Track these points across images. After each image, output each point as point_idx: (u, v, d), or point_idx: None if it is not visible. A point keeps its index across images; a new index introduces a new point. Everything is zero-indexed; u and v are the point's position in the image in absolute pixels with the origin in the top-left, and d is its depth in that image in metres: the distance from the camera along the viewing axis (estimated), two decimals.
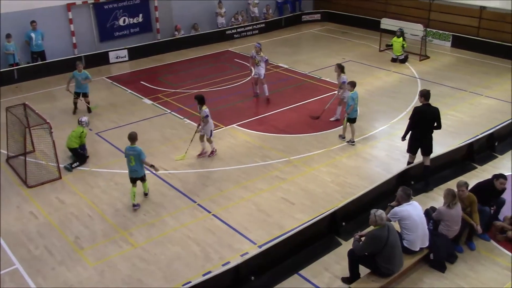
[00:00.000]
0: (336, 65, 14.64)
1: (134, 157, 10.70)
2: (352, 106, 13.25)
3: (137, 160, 10.72)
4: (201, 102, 12.62)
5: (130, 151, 10.73)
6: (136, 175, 10.92)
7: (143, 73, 20.04)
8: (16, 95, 17.65)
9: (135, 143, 10.77)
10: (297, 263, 9.14)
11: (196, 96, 12.82)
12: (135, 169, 10.83)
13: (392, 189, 10.40)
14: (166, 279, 8.95)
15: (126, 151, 10.83)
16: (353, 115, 13.49)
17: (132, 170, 10.86)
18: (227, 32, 24.25)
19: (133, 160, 10.73)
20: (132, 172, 10.89)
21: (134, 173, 10.90)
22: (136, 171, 10.85)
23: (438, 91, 17.12)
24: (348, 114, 13.41)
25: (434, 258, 8.96)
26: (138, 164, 10.77)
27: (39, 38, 19.24)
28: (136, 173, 10.90)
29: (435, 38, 22.84)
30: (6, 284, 8.90)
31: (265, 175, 12.22)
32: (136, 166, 10.78)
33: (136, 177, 10.94)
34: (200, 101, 12.63)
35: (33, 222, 10.64)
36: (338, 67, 14.48)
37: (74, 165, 12.77)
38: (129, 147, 10.79)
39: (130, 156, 10.73)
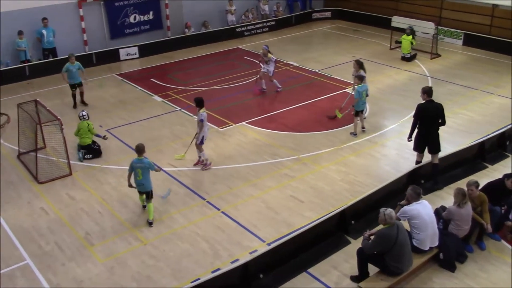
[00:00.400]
0: (355, 61, 14.60)
1: (142, 170, 10.07)
2: (357, 99, 13.48)
3: (145, 173, 10.10)
4: (199, 105, 11.99)
5: (138, 164, 10.09)
6: (143, 189, 10.27)
7: (153, 70, 20.10)
8: (27, 91, 17.78)
9: (142, 155, 10.18)
10: (305, 261, 9.14)
11: (195, 98, 12.23)
12: (142, 183, 10.17)
13: (401, 188, 10.36)
14: (175, 276, 8.98)
15: (133, 164, 10.14)
16: (360, 108, 13.71)
17: (139, 184, 10.22)
18: (237, 30, 24.24)
19: (140, 174, 10.08)
20: (139, 186, 10.26)
21: (141, 187, 10.26)
22: (143, 184, 10.19)
23: (449, 89, 17.02)
24: (354, 106, 13.64)
25: (444, 258, 8.91)
26: (146, 177, 10.15)
27: (50, 35, 19.36)
28: (143, 187, 10.23)
29: (447, 36, 22.68)
30: (17, 279, 8.99)
31: (274, 172, 12.22)
32: (144, 179, 10.13)
33: (142, 191, 10.32)
34: (198, 103, 12.00)
35: (43, 218, 10.72)
36: (357, 63, 14.40)
37: (87, 156, 12.98)
38: (137, 159, 10.13)
39: (137, 169, 10.09)
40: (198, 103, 12.03)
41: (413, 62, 20.05)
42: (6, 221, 10.60)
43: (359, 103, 13.62)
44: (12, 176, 12.35)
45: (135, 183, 10.26)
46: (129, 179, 10.31)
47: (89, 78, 18.96)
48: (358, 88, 13.51)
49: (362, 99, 13.64)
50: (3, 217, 10.74)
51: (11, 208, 11.07)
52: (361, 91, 13.52)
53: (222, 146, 13.55)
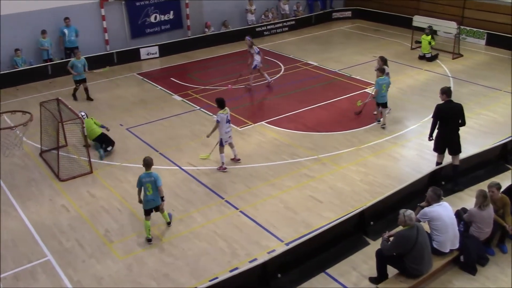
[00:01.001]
0: (379, 57, 14.75)
1: (151, 184, 9.59)
2: (377, 90, 13.94)
3: (154, 188, 9.62)
4: (221, 105, 12.03)
5: (147, 178, 9.60)
6: (153, 205, 9.77)
7: (173, 69, 20.22)
8: (49, 90, 18.03)
9: (150, 169, 9.71)
10: (324, 262, 9.10)
11: (216, 99, 12.25)
12: (152, 198, 9.68)
13: (422, 189, 10.22)
14: (193, 274, 9.02)
15: (142, 178, 9.61)
16: (380, 100, 14.14)
17: (148, 199, 9.68)
18: (257, 29, 24.24)
19: (150, 189, 9.59)
20: (149, 202, 9.71)
21: (150, 203, 9.73)
22: (153, 200, 9.70)
23: (471, 90, 16.79)
24: (375, 98, 14.17)
25: (464, 260, 8.79)
26: (155, 192, 9.66)
27: (72, 34, 19.59)
28: (153, 203, 9.74)
29: (469, 36, 22.36)
30: (38, 274, 9.12)
31: (293, 172, 12.19)
32: (153, 194, 9.65)
33: (152, 207, 9.81)
34: (220, 104, 12.04)
35: (64, 215, 10.86)
36: (381, 60, 14.55)
37: (109, 148, 13.22)
38: (145, 174, 9.64)
39: (146, 184, 9.60)
40: (219, 104, 12.10)
41: (434, 62, 19.83)
42: (28, 217, 10.77)
43: (379, 95, 14.00)
44: (34, 173, 12.54)
45: (145, 200, 9.71)
46: (139, 194, 9.77)
47: (110, 77, 19.22)
48: (378, 80, 14.00)
49: (382, 92, 13.99)
50: (25, 213, 10.92)
51: (33, 205, 11.25)
52: (381, 83, 13.92)
53: (241, 145, 13.56)
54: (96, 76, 19.18)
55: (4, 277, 9.02)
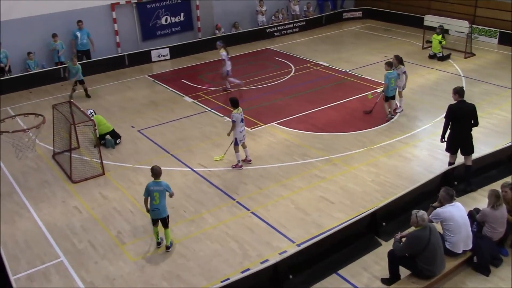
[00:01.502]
0: (394, 56, 15.10)
1: (160, 193, 9.36)
2: (386, 84, 14.36)
3: (162, 197, 9.40)
4: (234, 105, 12.16)
5: (156, 187, 9.35)
6: (158, 215, 9.49)
7: (184, 71, 20.29)
8: (62, 93, 18.18)
9: (159, 178, 9.48)
10: (335, 263, 9.07)
11: (230, 98, 12.53)
12: (157, 208, 9.41)
13: (434, 190, 10.16)
14: (205, 275, 9.04)
15: (150, 187, 9.37)
16: (389, 94, 14.56)
17: (154, 209, 9.42)
18: (267, 30, 24.25)
19: (157, 198, 9.34)
20: (154, 212, 9.45)
21: (156, 213, 9.47)
22: (159, 209, 9.43)
23: (483, 89, 16.65)
24: (384, 91, 14.59)
25: (477, 261, 8.72)
26: (162, 202, 9.43)
27: (84, 37, 19.74)
28: (159, 213, 9.46)
29: (481, 35, 22.18)
30: (51, 275, 9.20)
31: (304, 173, 12.17)
32: (160, 204, 9.39)
33: (158, 217, 9.53)
34: (233, 103, 12.18)
35: (77, 216, 10.94)
36: (396, 59, 14.91)
37: (118, 141, 13.75)
38: (153, 182, 9.40)
39: (154, 192, 9.34)
40: (233, 103, 12.19)
41: (446, 61, 19.69)
42: (41, 219, 10.87)
43: (388, 88, 14.41)
44: (47, 175, 12.65)
45: (150, 209, 9.48)
46: (146, 204, 9.48)
47: (121, 79, 19.35)
48: (387, 74, 14.38)
49: (391, 86, 14.41)
50: (38, 215, 11.02)
51: (46, 206, 11.35)
52: (390, 77, 14.35)
53: (252, 146, 13.56)
54: (105, 79, 19.35)
55: (18, 278, 9.10)
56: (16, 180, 12.47)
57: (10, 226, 10.66)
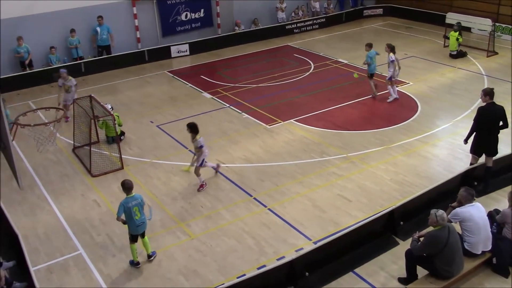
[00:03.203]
0: (386, 45, 15.89)
1: (138, 207, 8.97)
2: (368, 63, 15.89)
3: (141, 210, 9.01)
4: (194, 131, 11.17)
5: (133, 202, 8.91)
6: (143, 228, 9.17)
7: (203, 67, 20.34)
8: (83, 87, 18.33)
9: (131, 192, 8.99)
10: (352, 261, 9.03)
11: (188, 124, 11.31)
12: (142, 221, 9.05)
13: (453, 189, 10.05)
14: (221, 271, 9.07)
15: (128, 204, 8.88)
16: (371, 71, 16.03)
17: (139, 224, 9.01)
18: (287, 27, 24.20)
19: (137, 212, 8.95)
20: (139, 227, 9.05)
21: (141, 227, 9.11)
22: (143, 223, 9.10)
23: (506, 88, 16.37)
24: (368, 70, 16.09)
25: (497, 263, 8.60)
26: (143, 214, 9.08)
27: (104, 32, 19.90)
28: (144, 226, 9.14)
29: (505, 33, 21.83)
30: (70, 267, 9.32)
31: (322, 171, 12.13)
32: (142, 217, 9.04)
33: (143, 230, 9.19)
34: (193, 129, 11.18)
35: (96, 210, 11.06)
36: (388, 47, 15.78)
37: (122, 137, 13.86)
38: (128, 198, 8.92)
39: (134, 208, 8.91)
40: (192, 129, 11.18)
41: (468, 60, 19.42)
42: (61, 212, 11.02)
43: (371, 66, 15.92)
44: (67, 169, 12.81)
45: (133, 226, 9.01)
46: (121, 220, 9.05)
47: (141, 75, 19.48)
48: (368, 53, 15.88)
49: (373, 64, 15.94)
50: (58, 208, 11.17)
51: (66, 199, 11.49)
52: (371, 56, 15.87)
53: (270, 143, 13.57)
54: (125, 74, 19.49)
55: (37, 269, 9.25)
56: (37, 173, 12.66)
57: (31, 219, 10.83)
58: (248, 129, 14.42)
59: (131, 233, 9.11)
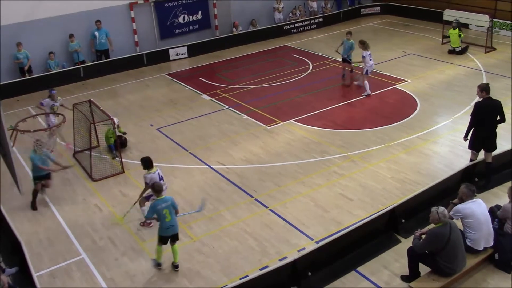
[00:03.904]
0: (359, 42, 16.60)
1: (169, 209, 8.90)
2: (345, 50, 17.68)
3: (172, 212, 8.94)
4: (146, 166, 10.25)
5: (162, 204, 8.86)
6: (174, 231, 9.05)
7: (202, 69, 20.36)
8: (82, 92, 18.39)
9: (161, 194, 9.00)
10: (355, 260, 9.04)
11: (141, 159, 10.40)
12: (172, 224, 8.97)
13: (454, 186, 10.05)
14: (224, 272, 9.08)
15: (157, 206, 8.83)
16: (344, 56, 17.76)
17: (169, 226, 8.95)
18: (284, 28, 24.20)
19: (168, 214, 8.89)
20: (169, 229, 8.97)
21: (171, 229, 9.00)
22: (173, 225, 9.00)
23: (505, 84, 16.38)
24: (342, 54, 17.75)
25: (499, 258, 8.61)
26: (174, 216, 9.01)
27: (103, 37, 19.91)
28: (174, 228, 9.03)
29: (502, 29, 21.82)
30: (73, 272, 9.33)
31: (323, 170, 12.14)
32: (173, 220, 8.98)
33: (173, 233, 9.07)
34: (145, 164, 10.26)
35: (97, 214, 11.07)
36: (361, 43, 16.43)
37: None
38: (159, 200, 8.90)
39: (164, 210, 8.85)
40: (145, 164, 10.27)
41: (466, 56, 19.44)
42: (63, 217, 11.03)
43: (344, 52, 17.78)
44: (68, 174, 12.80)
45: (162, 227, 8.98)
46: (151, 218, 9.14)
47: (140, 78, 19.51)
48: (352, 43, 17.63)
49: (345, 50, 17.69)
50: (60, 213, 11.18)
51: (68, 204, 11.50)
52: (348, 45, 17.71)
53: (270, 144, 13.58)
54: (124, 78, 19.51)
55: (40, 275, 9.25)
56: None
57: (33, 224, 10.84)
58: (248, 130, 14.44)
59: (160, 234, 9.07)
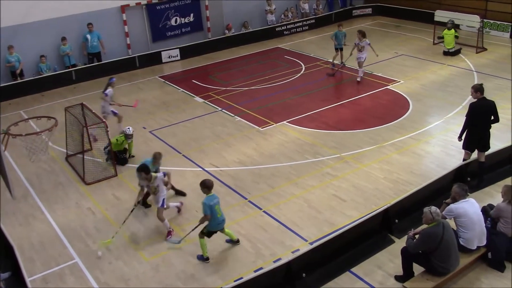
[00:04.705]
0: (359, 32, 17.58)
1: (219, 204, 9.17)
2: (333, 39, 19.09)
3: (220, 208, 9.22)
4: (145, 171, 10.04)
5: (214, 200, 9.07)
6: (224, 225, 9.40)
7: (195, 71, 20.34)
8: (74, 95, 18.32)
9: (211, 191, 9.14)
10: (349, 261, 9.05)
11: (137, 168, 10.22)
12: (223, 219, 9.30)
13: (447, 186, 10.08)
14: (219, 274, 9.06)
15: (210, 202, 8.99)
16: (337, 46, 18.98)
17: (220, 222, 9.25)
18: (277, 29, 24.24)
19: (219, 210, 9.15)
20: (221, 224, 9.29)
21: (222, 224, 9.34)
22: (224, 220, 9.32)
23: (496, 84, 16.49)
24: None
25: (492, 257, 8.65)
26: (222, 212, 9.31)
27: (94, 39, 19.85)
28: (224, 222, 9.36)
29: (493, 29, 21.97)
30: (66, 276, 9.28)
31: (316, 171, 12.15)
32: (223, 214, 9.31)
33: (223, 226, 9.44)
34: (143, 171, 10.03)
35: (90, 217, 11.02)
36: (359, 33, 17.55)
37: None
38: (210, 196, 9.09)
39: (216, 206, 9.07)
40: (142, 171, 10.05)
41: (458, 56, 19.55)
42: (56, 221, 10.97)
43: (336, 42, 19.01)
44: (60, 177, 12.76)
45: (214, 223, 9.19)
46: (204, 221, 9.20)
47: (132, 81, 19.46)
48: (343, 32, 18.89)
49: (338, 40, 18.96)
50: (53, 217, 11.12)
51: (60, 208, 11.45)
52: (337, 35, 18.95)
53: (263, 145, 13.58)
54: (117, 81, 19.39)
55: (33, 279, 9.19)
56: (30, 182, 12.60)
57: (25, 228, 10.77)
58: (242, 132, 14.44)
59: (210, 229, 9.24)
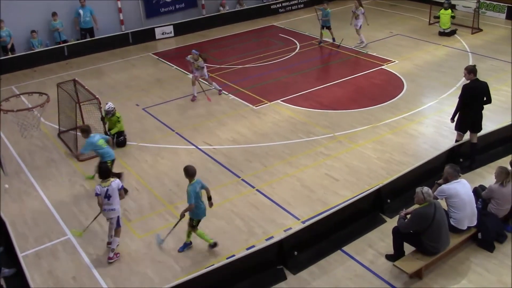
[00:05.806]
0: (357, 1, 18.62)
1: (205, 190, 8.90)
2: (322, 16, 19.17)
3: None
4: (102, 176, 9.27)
5: (200, 184, 8.73)
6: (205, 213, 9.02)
7: (188, 48, 20.00)
8: (66, 71, 18.14)
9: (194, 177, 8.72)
10: (340, 240, 9.12)
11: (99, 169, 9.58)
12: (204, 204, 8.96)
13: (439, 167, 10.14)
14: (211, 251, 9.10)
15: (195, 189, 8.61)
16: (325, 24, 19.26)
17: (204, 206, 8.91)
18: (272, 7, 24.01)
19: (203, 195, 8.88)
20: (204, 210, 8.93)
21: (205, 211, 8.98)
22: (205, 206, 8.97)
23: (491, 65, 16.47)
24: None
25: (482, 238, 8.74)
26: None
27: (87, 15, 19.58)
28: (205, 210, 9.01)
29: (489, 10, 21.86)
30: (59, 252, 9.30)
31: (310, 151, 12.17)
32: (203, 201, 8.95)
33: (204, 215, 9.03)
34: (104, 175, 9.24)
35: (83, 194, 11.01)
36: (357, 1, 18.57)
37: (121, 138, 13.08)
38: (196, 182, 8.67)
39: (201, 192, 8.81)
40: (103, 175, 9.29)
41: (453, 37, 19.47)
42: (48, 197, 10.96)
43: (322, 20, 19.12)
44: (53, 154, 12.70)
45: (200, 210, 8.85)
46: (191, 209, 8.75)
47: (126, 58, 19.27)
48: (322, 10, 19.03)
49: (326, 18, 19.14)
50: (46, 193, 11.10)
51: (53, 185, 11.42)
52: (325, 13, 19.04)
53: (257, 124, 13.55)
54: (109, 57, 19.26)
55: (26, 255, 9.21)
56: (22, 159, 12.54)
57: (18, 205, 10.76)
58: (235, 111, 14.39)
59: (197, 218, 8.89)
